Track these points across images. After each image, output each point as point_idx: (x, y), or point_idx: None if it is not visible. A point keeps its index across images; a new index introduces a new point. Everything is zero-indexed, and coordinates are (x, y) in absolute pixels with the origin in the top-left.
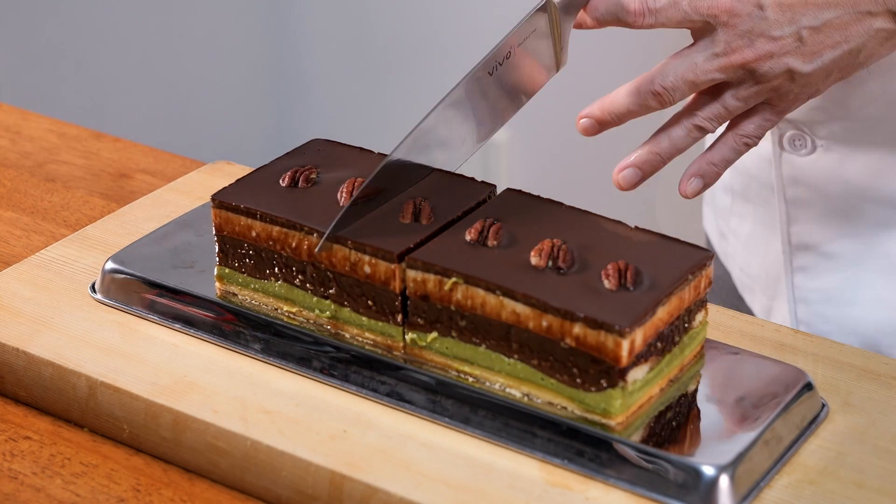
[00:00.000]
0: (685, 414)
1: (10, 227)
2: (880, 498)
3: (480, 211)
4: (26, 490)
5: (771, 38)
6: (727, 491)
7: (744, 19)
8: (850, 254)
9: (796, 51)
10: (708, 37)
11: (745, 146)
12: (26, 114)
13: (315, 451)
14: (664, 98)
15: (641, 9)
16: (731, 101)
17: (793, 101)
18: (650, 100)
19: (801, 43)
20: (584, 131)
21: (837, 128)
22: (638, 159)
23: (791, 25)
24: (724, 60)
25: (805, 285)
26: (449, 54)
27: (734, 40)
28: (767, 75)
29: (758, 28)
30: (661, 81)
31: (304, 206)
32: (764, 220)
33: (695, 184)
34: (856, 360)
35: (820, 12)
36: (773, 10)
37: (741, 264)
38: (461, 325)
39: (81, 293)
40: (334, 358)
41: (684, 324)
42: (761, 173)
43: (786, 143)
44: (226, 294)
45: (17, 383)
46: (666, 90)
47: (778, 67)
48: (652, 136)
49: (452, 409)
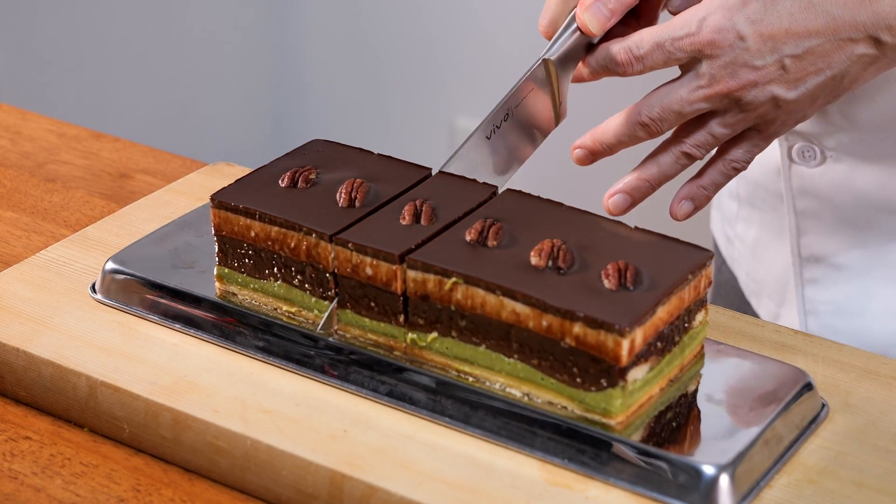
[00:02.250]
0: (685, 414)
1: (10, 227)
2: (880, 498)
3: (480, 211)
4: (26, 490)
5: (753, 68)
6: (727, 491)
7: (725, 50)
8: (860, 265)
9: (780, 78)
10: (693, 69)
11: (734, 171)
12: (26, 114)
13: (315, 450)
14: (652, 129)
15: (628, 58)
16: (718, 128)
17: (780, 126)
18: (639, 131)
19: (784, 71)
20: (578, 161)
21: (846, 139)
22: (627, 186)
23: (773, 54)
24: (708, 91)
25: (815, 297)
26: (449, 54)
27: (717, 71)
28: (753, 103)
29: (740, 59)
30: (649, 113)
31: (303, 206)
32: (770, 227)
33: (685, 207)
34: (856, 360)
35: (801, 41)
36: (755, 41)
37: (747, 269)
38: (461, 325)
39: (81, 293)
40: (334, 358)
41: (684, 324)
42: (768, 181)
43: (795, 154)
44: (225, 294)
45: (17, 383)
46: (653, 121)
47: (762, 95)
48: (641, 162)
49: (452, 409)
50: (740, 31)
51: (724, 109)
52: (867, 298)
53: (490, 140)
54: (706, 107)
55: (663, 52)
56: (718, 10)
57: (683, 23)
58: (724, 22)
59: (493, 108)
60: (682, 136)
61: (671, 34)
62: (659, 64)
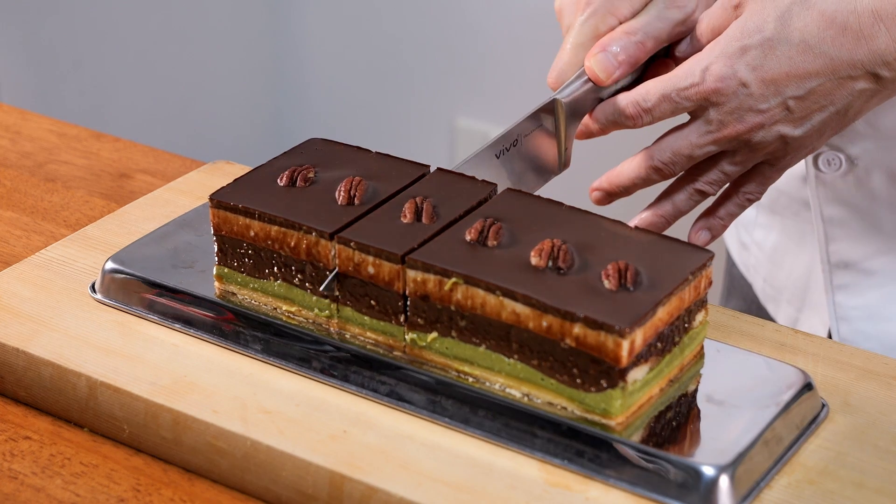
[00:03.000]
0: (685, 414)
1: (10, 227)
2: (880, 498)
3: (480, 211)
4: (26, 490)
5: (759, 112)
6: (727, 491)
7: (730, 98)
8: (889, 270)
9: (785, 119)
10: (701, 116)
11: (748, 202)
12: (26, 114)
13: (315, 451)
14: (665, 172)
15: (637, 111)
16: (729, 167)
17: (791, 159)
18: (652, 174)
19: (789, 111)
20: (597, 202)
21: (870, 146)
22: (643, 222)
23: (776, 97)
24: (717, 135)
25: (846, 303)
26: (449, 54)
27: (724, 117)
28: (761, 143)
29: (745, 104)
30: (661, 157)
31: (302, 205)
32: (792, 233)
33: (704, 236)
34: (856, 360)
35: (802, 82)
36: (757, 86)
37: (765, 275)
38: (461, 325)
39: (81, 293)
40: (334, 358)
41: (684, 324)
42: (791, 188)
43: (820, 163)
44: (225, 294)
45: (17, 383)
46: (665, 165)
47: (770, 136)
48: (656, 199)
49: (452, 409)
50: (742, 78)
51: (734, 150)
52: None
53: (499, 160)
54: (716, 149)
55: (670, 102)
56: (720, 59)
57: (687, 73)
58: (726, 70)
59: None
60: (695, 174)
61: (676, 85)
62: (667, 114)
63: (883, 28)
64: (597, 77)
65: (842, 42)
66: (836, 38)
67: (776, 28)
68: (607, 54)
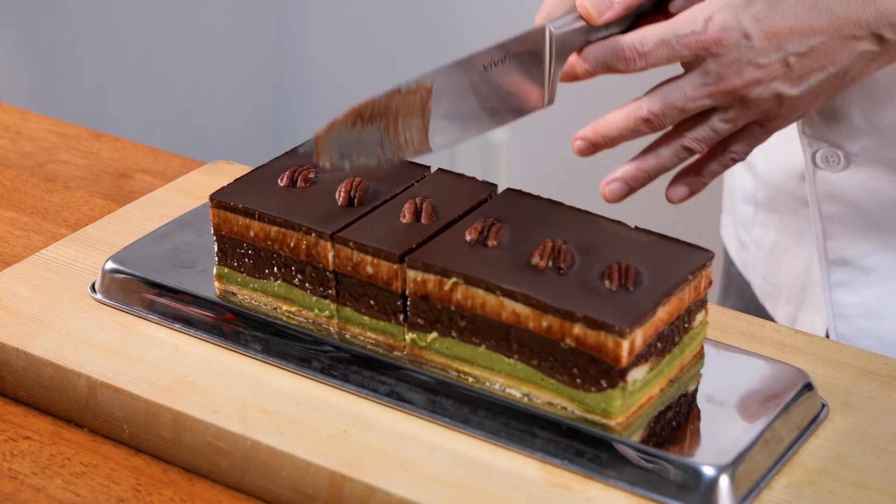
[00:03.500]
0: (685, 414)
1: (10, 227)
2: (880, 498)
3: (480, 211)
4: (26, 490)
5: (758, 66)
6: (727, 491)
7: (731, 49)
8: (888, 267)
9: (784, 76)
10: (698, 67)
11: (733, 162)
12: (26, 114)
13: (315, 451)
14: (654, 124)
15: (632, 54)
16: (720, 124)
17: (782, 121)
18: (641, 125)
19: (789, 69)
20: (579, 152)
21: (869, 143)
22: (625, 174)
23: (778, 52)
24: (713, 88)
25: (843, 300)
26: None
27: (722, 69)
28: (756, 100)
29: (745, 57)
30: (651, 108)
31: (302, 205)
32: (790, 231)
33: (681, 191)
34: (856, 360)
35: (806, 39)
36: (760, 39)
37: (764, 273)
38: (461, 325)
39: (81, 293)
40: (334, 358)
41: (684, 324)
42: (790, 186)
43: (819, 160)
44: (225, 294)
45: (17, 383)
46: (656, 117)
47: (766, 93)
48: (641, 152)
49: (452, 409)
50: (746, 30)
51: (727, 106)
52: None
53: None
54: (710, 104)
55: (668, 49)
56: (724, 9)
57: (689, 20)
58: (730, 20)
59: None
60: (684, 130)
61: (676, 32)
62: (662, 61)
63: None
64: (589, 15)
65: (849, 0)
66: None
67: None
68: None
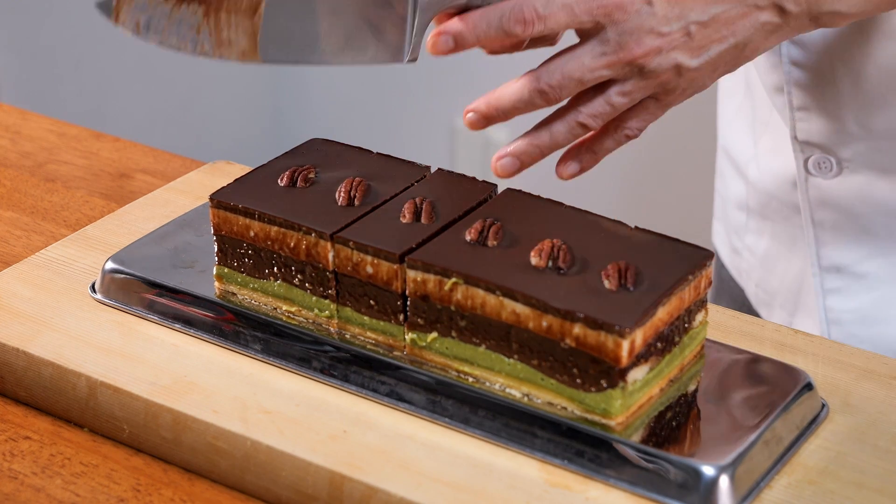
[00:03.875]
0: (685, 414)
1: (10, 227)
2: (880, 498)
3: (480, 211)
4: (26, 490)
5: (659, 34)
6: (727, 491)
7: (632, 16)
8: (881, 273)
9: (684, 45)
10: (596, 36)
11: (627, 138)
12: (26, 114)
13: (315, 451)
14: (550, 96)
15: (531, 16)
16: (617, 97)
17: (679, 95)
18: (536, 98)
19: (689, 38)
20: (471, 125)
21: (862, 148)
22: (517, 149)
23: (679, 21)
24: (612, 58)
25: (837, 307)
26: None
27: (622, 38)
28: (655, 71)
29: (647, 24)
30: (548, 80)
31: (302, 205)
32: (783, 237)
33: (572, 168)
34: (856, 360)
35: (708, 7)
36: (662, 6)
37: (757, 280)
38: (461, 325)
39: (81, 293)
40: (334, 358)
41: (684, 324)
42: (782, 193)
43: (811, 166)
44: (225, 294)
45: (17, 383)
46: (552, 88)
47: (666, 63)
48: (534, 127)
49: (452, 409)
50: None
51: (625, 77)
52: (891, 306)
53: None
54: (608, 74)
55: (569, 13)
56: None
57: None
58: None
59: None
60: (579, 104)
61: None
62: (561, 26)
63: None
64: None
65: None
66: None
67: None
68: None
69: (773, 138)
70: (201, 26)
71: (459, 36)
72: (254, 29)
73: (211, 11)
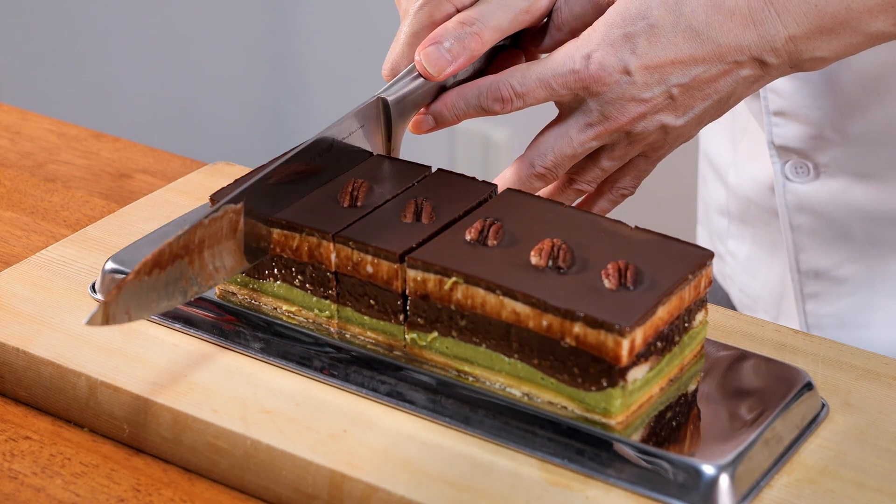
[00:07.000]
0: (685, 414)
1: (10, 227)
2: (880, 498)
3: (480, 211)
4: (26, 490)
5: (641, 101)
6: (727, 491)
7: (612, 87)
8: (860, 277)
9: (668, 107)
10: (578, 108)
11: (622, 197)
12: (26, 114)
13: (315, 450)
14: (548, 178)
15: (509, 94)
16: (607, 162)
17: (667, 150)
18: (535, 182)
19: (672, 100)
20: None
21: (839, 154)
22: None
23: (660, 85)
24: (598, 129)
25: (817, 311)
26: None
27: (605, 108)
28: (642, 134)
29: (627, 93)
30: (542, 163)
31: (304, 207)
32: (763, 242)
33: None
34: (856, 360)
35: (687, 69)
36: (641, 74)
37: (741, 285)
38: (461, 324)
39: (81, 293)
40: (334, 357)
41: (684, 323)
42: (760, 198)
43: (788, 171)
44: (225, 294)
45: (17, 383)
46: (548, 170)
47: (651, 125)
48: None
49: (452, 409)
50: (626, 66)
51: (613, 143)
52: (870, 310)
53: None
54: (597, 144)
55: (547, 89)
56: (602, 47)
57: (566, 59)
58: (609, 58)
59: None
60: (573, 174)
61: (555, 71)
62: (540, 100)
63: (773, 12)
64: (427, 73)
65: (730, 27)
66: (724, 23)
67: (661, 14)
68: (439, 48)
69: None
70: (188, 274)
71: (439, 115)
72: (236, 244)
73: (194, 258)
